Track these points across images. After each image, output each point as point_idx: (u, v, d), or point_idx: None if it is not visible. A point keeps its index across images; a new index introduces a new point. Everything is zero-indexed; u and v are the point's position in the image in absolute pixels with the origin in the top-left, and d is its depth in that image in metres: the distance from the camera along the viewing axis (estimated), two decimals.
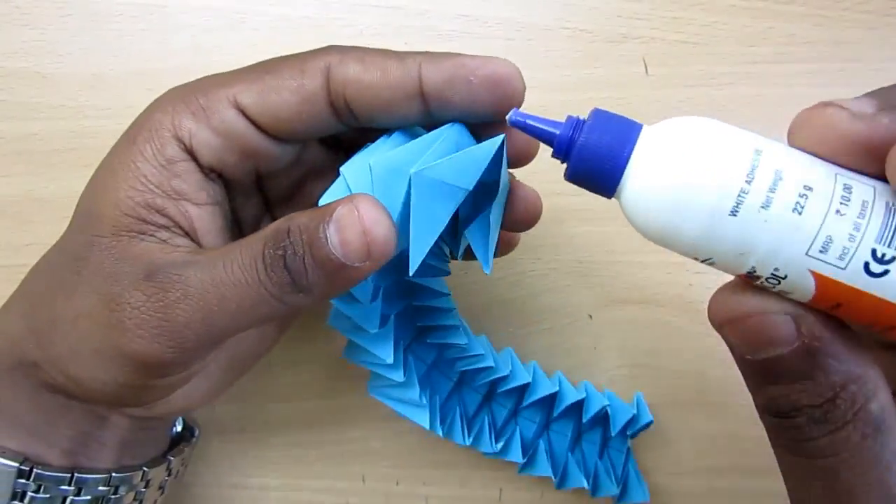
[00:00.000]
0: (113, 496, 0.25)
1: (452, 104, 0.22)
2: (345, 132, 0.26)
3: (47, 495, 0.23)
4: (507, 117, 0.20)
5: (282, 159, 0.24)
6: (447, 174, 0.21)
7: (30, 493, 0.23)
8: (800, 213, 0.16)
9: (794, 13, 0.33)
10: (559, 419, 0.32)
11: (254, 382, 0.33)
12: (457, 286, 0.33)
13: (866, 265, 0.15)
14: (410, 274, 0.21)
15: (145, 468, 0.26)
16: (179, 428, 0.30)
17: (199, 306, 0.20)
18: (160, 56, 0.33)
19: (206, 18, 0.33)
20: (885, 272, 0.15)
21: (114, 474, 0.25)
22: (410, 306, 0.29)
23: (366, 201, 0.20)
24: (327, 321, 0.27)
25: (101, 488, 0.24)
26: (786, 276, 0.16)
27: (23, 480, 0.23)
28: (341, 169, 0.22)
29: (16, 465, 0.23)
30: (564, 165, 0.19)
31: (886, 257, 0.15)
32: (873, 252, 0.15)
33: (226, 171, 0.23)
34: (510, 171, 0.25)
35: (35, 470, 0.23)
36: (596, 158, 0.17)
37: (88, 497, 0.24)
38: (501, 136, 0.22)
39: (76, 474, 0.24)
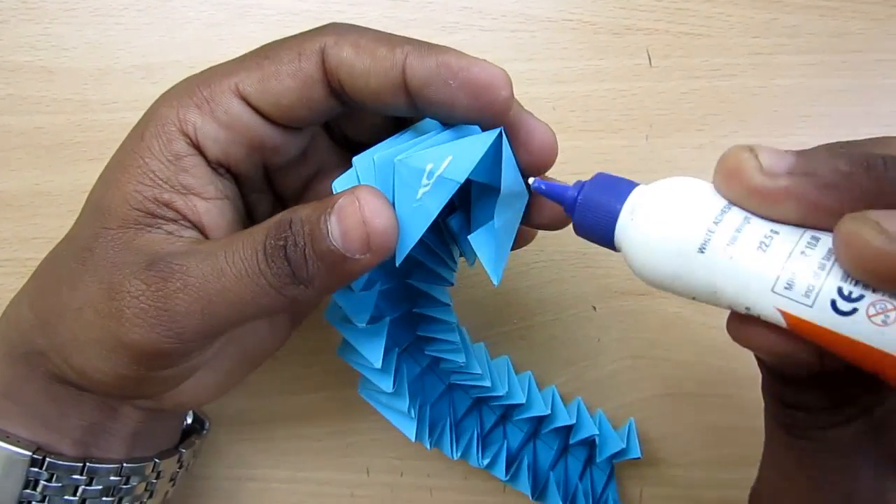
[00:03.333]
0: (124, 486, 0.25)
1: (433, 103, 0.21)
2: (353, 128, 0.26)
3: (59, 484, 0.24)
4: (530, 183, 0.21)
5: (289, 150, 0.24)
6: (432, 163, 0.20)
7: (42, 482, 0.23)
8: (764, 251, 0.16)
9: (797, 4, 0.33)
10: (548, 432, 0.33)
11: (260, 375, 0.33)
12: (461, 278, 0.34)
13: (833, 303, 0.15)
14: (397, 264, 0.21)
15: (157, 460, 0.26)
16: (189, 420, 0.31)
17: (199, 296, 0.20)
18: (165, 50, 0.33)
19: (211, 12, 0.33)
20: (854, 310, 0.15)
21: (125, 465, 0.25)
22: (410, 313, 0.28)
23: (366, 191, 0.20)
24: (324, 314, 0.27)
25: (112, 478, 0.25)
26: (759, 316, 0.17)
27: (35, 469, 0.23)
28: (353, 159, 0.22)
29: (29, 453, 0.23)
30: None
31: (854, 295, 0.15)
32: (839, 290, 0.15)
33: (233, 164, 0.23)
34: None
35: (48, 459, 0.23)
36: (593, 214, 0.20)
37: (100, 487, 0.24)
38: (497, 130, 0.21)
39: (88, 464, 0.24)
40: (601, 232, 0.20)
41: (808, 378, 0.18)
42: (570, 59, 0.33)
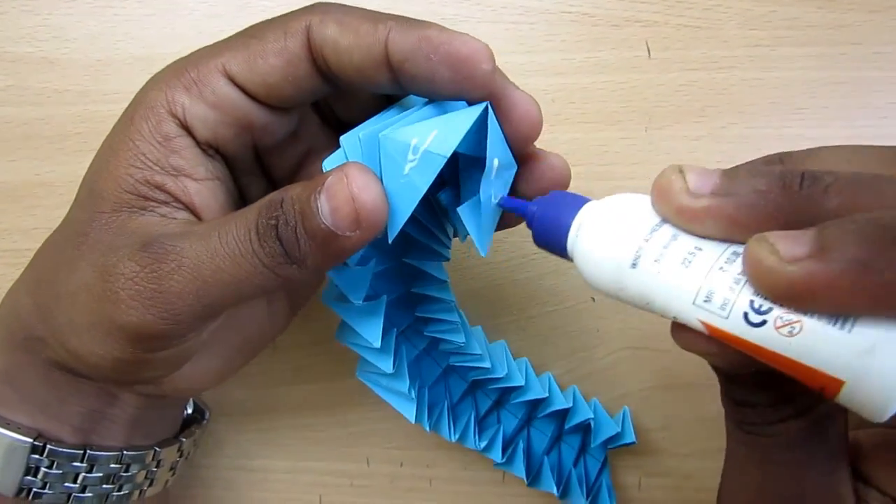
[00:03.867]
0: (124, 474, 0.25)
1: (414, 77, 0.21)
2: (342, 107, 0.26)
3: (60, 471, 0.24)
4: (496, 202, 0.22)
5: (278, 130, 0.24)
6: (417, 138, 0.20)
7: (43, 469, 0.23)
8: (687, 267, 0.17)
9: None
10: (542, 418, 0.33)
11: (259, 365, 0.33)
12: (459, 269, 0.34)
13: (745, 315, 0.16)
14: (389, 241, 0.21)
15: (157, 448, 0.26)
16: (190, 410, 0.31)
17: (193, 277, 0.20)
18: (165, 41, 0.33)
19: (211, 3, 0.33)
20: (763, 322, 0.16)
21: (125, 452, 0.25)
22: (408, 294, 0.28)
23: (354, 168, 0.20)
24: (319, 298, 0.27)
25: (112, 465, 0.25)
26: (686, 324, 0.18)
27: (36, 456, 0.23)
28: (341, 138, 0.22)
29: (30, 440, 0.23)
30: None
31: (763, 308, 0.16)
32: (751, 303, 0.16)
33: (222, 145, 0.23)
34: None
35: (48, 446, 0.23)
36: (548, 229, 0.21)
37: (100, 474, 0.24)
38: (483, 104, 0.21)
39: (88, 451, 0.24)
40: (555, 245, 0.21)
41: (753, 377, 0.18)
42: (570, 51, 0.33)
